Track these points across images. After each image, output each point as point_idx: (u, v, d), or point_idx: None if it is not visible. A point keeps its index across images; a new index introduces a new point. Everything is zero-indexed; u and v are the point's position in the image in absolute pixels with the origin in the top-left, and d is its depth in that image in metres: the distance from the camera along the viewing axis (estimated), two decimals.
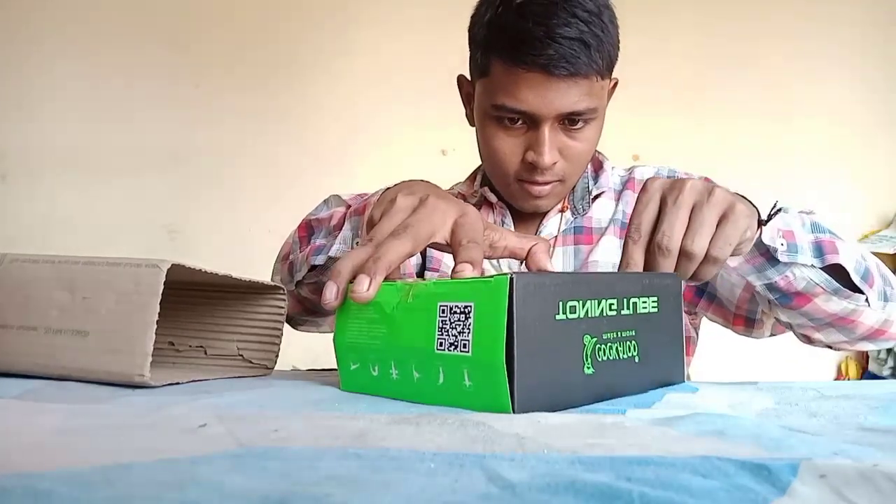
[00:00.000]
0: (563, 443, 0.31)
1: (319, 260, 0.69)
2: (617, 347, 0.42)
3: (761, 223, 0.59)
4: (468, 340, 0.38)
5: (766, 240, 0.59)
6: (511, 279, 0.36)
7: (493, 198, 0.85)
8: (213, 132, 2.25)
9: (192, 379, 0.51)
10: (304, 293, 0.77)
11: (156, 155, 2.25)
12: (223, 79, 2.28)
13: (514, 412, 0.37)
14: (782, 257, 0.60)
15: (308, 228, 0.78)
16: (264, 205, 2.20)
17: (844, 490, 0.24)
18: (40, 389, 0.46)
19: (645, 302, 0.45)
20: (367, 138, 2.28)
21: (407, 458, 0.28)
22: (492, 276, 0.38)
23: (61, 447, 0.31)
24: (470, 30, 0.78)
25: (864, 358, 2.37)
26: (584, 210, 0.84)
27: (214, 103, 2.26)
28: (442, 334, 0.40)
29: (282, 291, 0.59)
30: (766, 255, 0.61)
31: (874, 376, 2.27)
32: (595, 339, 0.41)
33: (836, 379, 2.36)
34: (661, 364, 0.47)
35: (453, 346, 0.39)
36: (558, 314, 0.38)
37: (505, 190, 0.82)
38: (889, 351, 2.24)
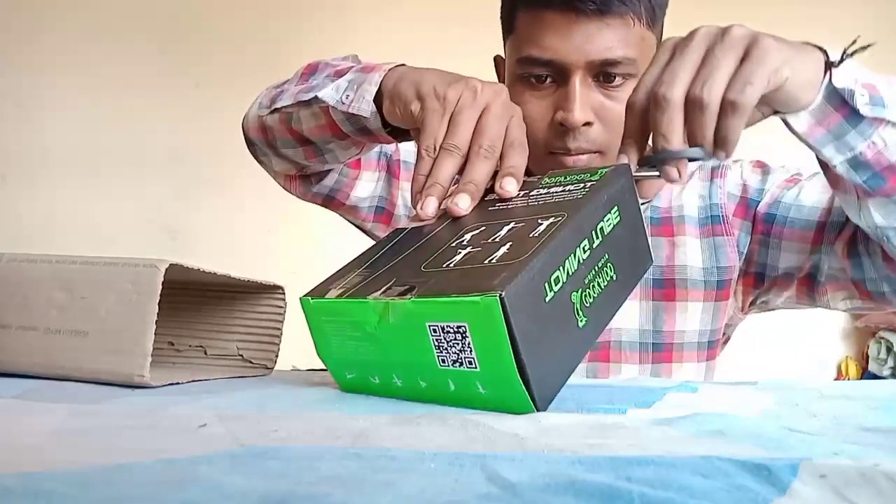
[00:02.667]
0: (563, 443, 0.31)
1: (308, 96, 0.63)
2: (598, 282, 0.42)
3: (830, 65, 0.48)
4: (473, 358, 0.37)
5: (839, 83, 0.47)
6: (501, 298, 0.34)
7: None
8: (213, 132, 2.25)
9: (192, 379, 0.51)
10: (272, 122, 0.70)
11: (156, 155, 2.25)
12: (223, 79, 2.27)
13: (538, 411, 0.37)
14: (863, 109, 0.48)
15: (313, 68, 0.71)
16: (264, 205, 2.20)
17: (844, 490, 0.24)
18: (40, 389, 0.46)
19: (608, 219, 0.44)
20: None
21: (407, 458, 0.28)
22: (478, 297, 0.35)
23: (61, 447, 0.31)
24: None
25: (864, 358, 2.37)
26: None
27: (214, 103, 2.26)
28: (441, 352, 0.38)
29: (281, 291, 0.59)
30: (844, 110, 0.49)
31: (874, 376, 2.27)
32: (580, 291, 0.40)
33: (836, 379, 2.36)
34: (633, 262, 0.46)
35: (457, 363, 0.38)
36: (547, 296, 0.37)
37: (536, 166, 0.73)
38: (889, 350, 2.24)
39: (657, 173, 0.48)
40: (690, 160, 0.47)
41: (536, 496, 0.23)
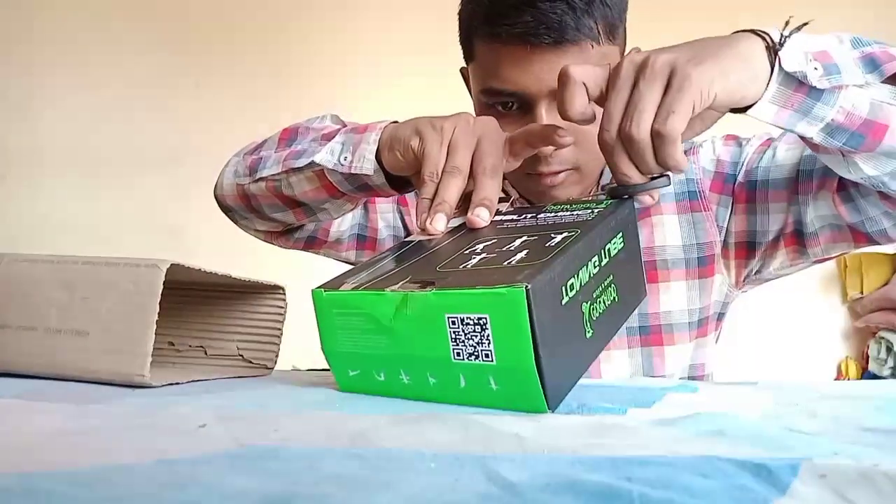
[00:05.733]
0: (563, 443, 0.31)
1: (301, 163, 0.64)
2: (603, 299, 0.44)
3: (774, 50, 0.48)
4: (490, 350, 0.37)
5: (789, 67, 0.47)
6: (527, 290, 0.35)
7: (514, 192, 0.79)
8: (213, 132, 2.25)
9: (192, 379, 0.51)
10: (256, 190, 0.71)
11: (156, 155, 2.25)
12: (223, 78, 2.27)
13: (549, 409, 0.37)
14: (819, 83, 0.47)
15: (293, 133, 0.72)
16: None
17: (844, 490, 0.24)
18: (40, 389, 0.46)
19: (615, 243, 0.46)
20: None
21: (407, 458, 0.28)
22: (503, 288, 0.36)
23: (61, 447, 0.31)
24: (458, 15, 0.73)
25: (864, 358, 2.37)
26: None
27: (214, 103, 2.26)
28: (457, 345, 0.39)
29: (281, 291, 0.59)
30: (802, 89, 0.48)
31: (874, 376, 2.27)
32: (589, 303, 0.42)
33: (836, 379, 2.36)
34: (631, 290, 0.49)
35: (473, 356, 0.38)
36: (563, 299, 0.39)
37: (517, 185, 0.76)
38: (889, 350, 2.24)
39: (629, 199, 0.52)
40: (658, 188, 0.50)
41: (536, 496, 0.23)
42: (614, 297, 0.45)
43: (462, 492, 0.24)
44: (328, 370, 0.48)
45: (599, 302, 0.43)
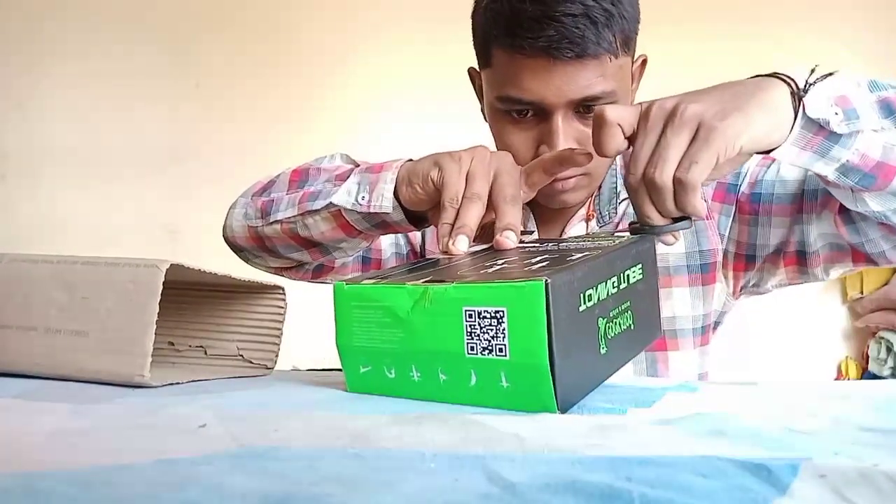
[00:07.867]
0: (563, 443, 0.31)
1: (318, 205, 0.66)
2: (619, 321, 0.44)
3: (799, 97, 0.50)
4: (504, 345, 0.38)
5: (813, 114, 0.49)
6: (546, 285, 0.36)
7: (531, 225, 0.81)
8: (213, 132, 2.25)
9: (192, 379, 0.51)
10: (271, 232, 0.72)
11: (156, 155, 2.25)
12: (223, 78, 2.27)
13: (559, 412, 0.37)
14: (839, 128, 0.50)
15: (304, 175, 0.73)
16: None
17: (844, 490, 0.24)
18: (40, 389, 0.46)
19: (634, 271, 0.47)
20: (368, 138, 2.27)
21: (407, 458, 0.28)
22: (523, 282, 0.37)
23: (61, 447, 0.31)
24: (472, 18, 0.74)
25: (864, 358, 2.37)
26: (610, 216, 0.77)
27: (214, 103, 2.26)
28: (472, 339, 0.39)
29: (281, 291, 0.59)
30: (822, 133, 0.50)
31: (874, 376, 2.27)
32: (605, 320, 0.42)
33: (836, 379, 2.36)
34: (647, 324, 0.49)
35: (487, 351, 0.38)
36: (581, 306, 0.39)
37: None
38: (889, 350, 2.24)
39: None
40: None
41: (536, 496, 0.23)
42: (630, 325, 0.46)
43: (462, 492, 0.24)
44: (328, 370, 0.48)
45: (616, 323, 0.43)
